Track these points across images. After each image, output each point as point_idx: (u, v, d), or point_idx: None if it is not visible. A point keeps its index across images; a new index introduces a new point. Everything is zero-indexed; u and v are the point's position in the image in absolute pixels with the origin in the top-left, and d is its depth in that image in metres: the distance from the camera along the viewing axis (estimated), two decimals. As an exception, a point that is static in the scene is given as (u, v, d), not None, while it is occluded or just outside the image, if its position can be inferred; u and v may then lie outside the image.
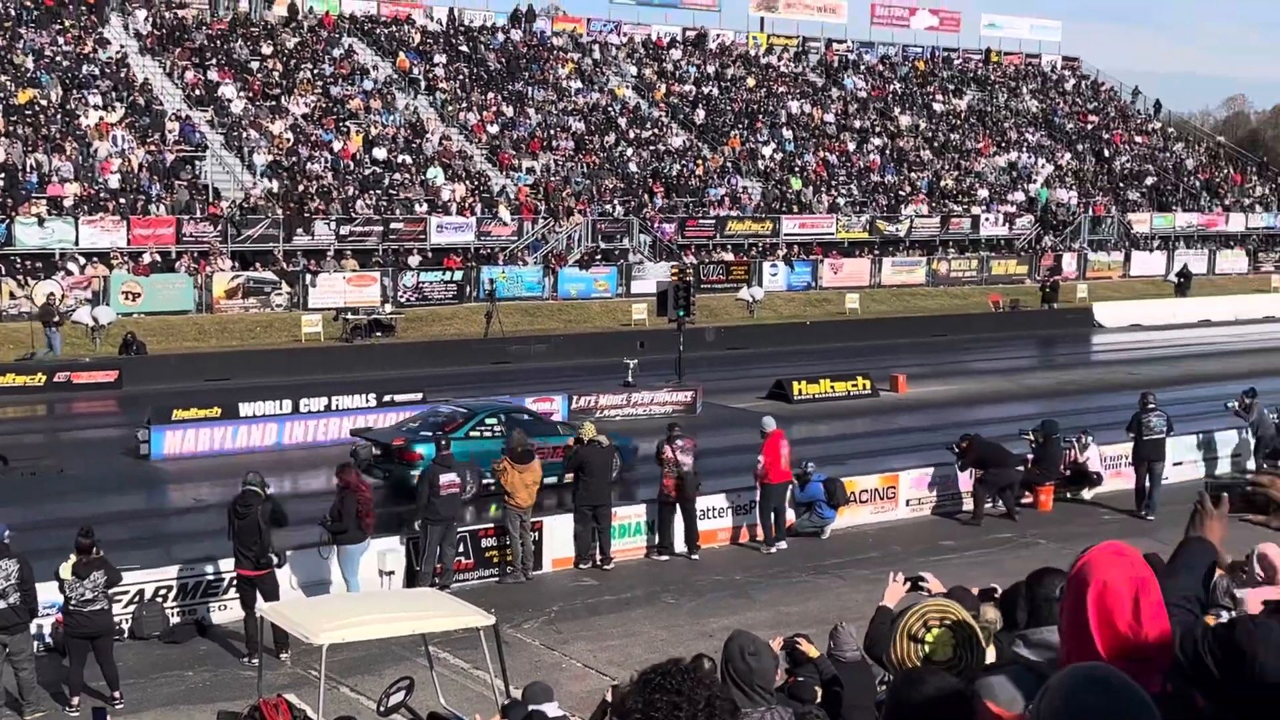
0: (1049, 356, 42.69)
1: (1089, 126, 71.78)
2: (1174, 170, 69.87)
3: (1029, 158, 65.83)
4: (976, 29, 75.45)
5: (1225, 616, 3.80)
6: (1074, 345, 43.85)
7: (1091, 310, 48.69)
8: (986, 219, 58.33)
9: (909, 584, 7.12)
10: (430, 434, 21.38)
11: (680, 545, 18.96)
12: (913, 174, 60.61)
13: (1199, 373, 36.34)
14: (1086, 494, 22.64)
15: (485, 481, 20.62)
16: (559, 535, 18.44)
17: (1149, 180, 67.31)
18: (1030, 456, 21.86)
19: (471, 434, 21.88)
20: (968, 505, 21.37)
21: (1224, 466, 24.24)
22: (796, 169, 57.82)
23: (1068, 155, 67.45)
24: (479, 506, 20.77)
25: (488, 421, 22.42)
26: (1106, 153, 69.09)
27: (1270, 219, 67.18)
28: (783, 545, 19.25)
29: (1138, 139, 72.69)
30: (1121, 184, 66.17)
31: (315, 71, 51.96)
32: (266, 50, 51.75)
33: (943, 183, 60.33)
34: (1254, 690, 2.99)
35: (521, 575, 17.66)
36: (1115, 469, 23.17)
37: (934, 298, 51.45)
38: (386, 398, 26.82)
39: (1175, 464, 23.10)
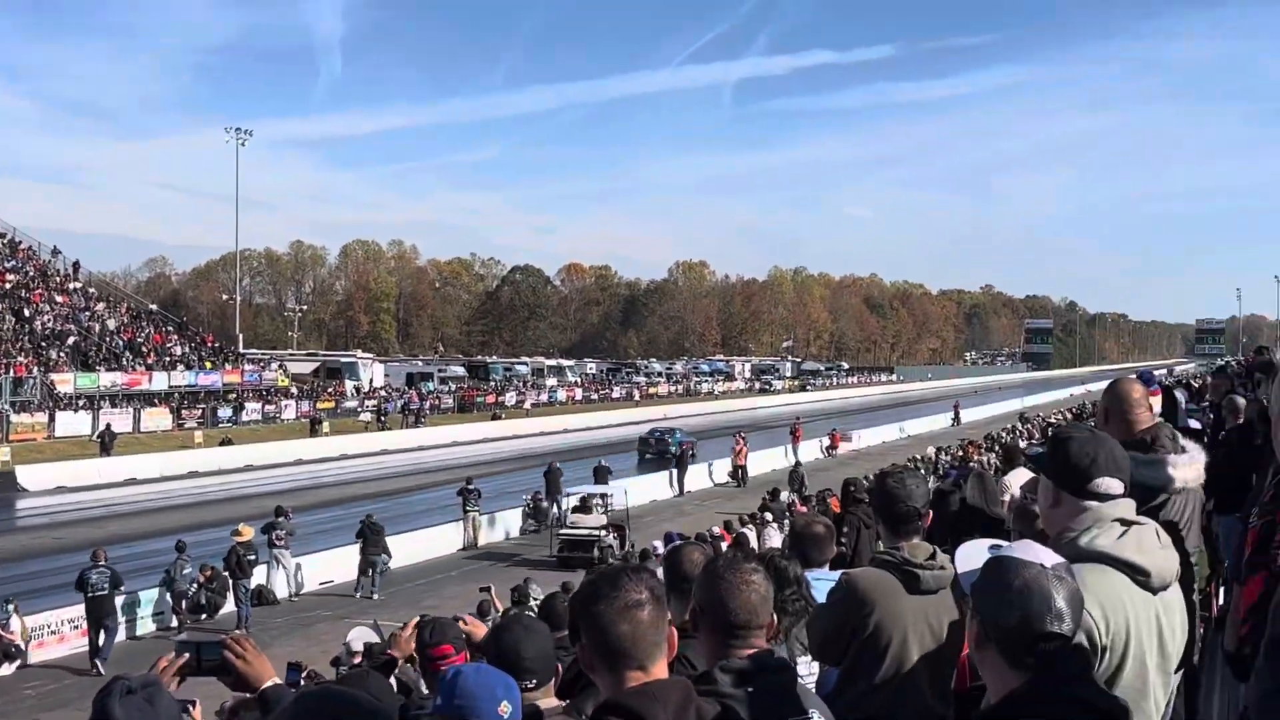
0: (-30, 526, 40.14)
1: (8, 285, 69.75)
2: (97, 330, 70.25)
3: (-59, 317, 62.27)
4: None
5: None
6: (-3, 512, 41.91)
7: (15, 474, 46.72)
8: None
9: None
10: (665, 437, 54.68)
11: None
12: None
13: (130, 531, 36.40)
14: (7, 669, 21.71)
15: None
16: None
17: (71, 340, 66.93)
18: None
19: (674, 436, 55.18)
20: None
21: (148, 626, 24.66)
22: None
23: (-14, 314, 64.87)
24: None
25: (675, 433, 55.69)
26: (27, 312, 67.58)
27: (192, 377, 69.91)
28: None
29: (59, 298, 72.00)
30: (44, 344, 65.03)
31: None
32: None
33: None
34: None
35: None
36: (40, 639, 22.59)
37: None
38: None
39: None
